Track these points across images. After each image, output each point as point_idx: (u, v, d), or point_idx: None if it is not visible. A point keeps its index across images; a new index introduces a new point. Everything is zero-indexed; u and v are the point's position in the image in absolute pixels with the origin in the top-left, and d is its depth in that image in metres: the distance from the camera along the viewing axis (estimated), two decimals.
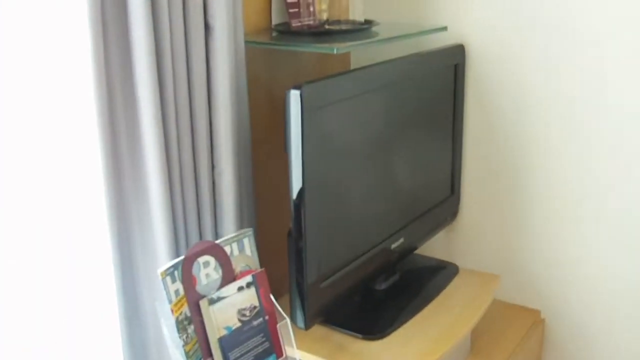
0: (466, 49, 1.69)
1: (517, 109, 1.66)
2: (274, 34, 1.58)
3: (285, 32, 1.56)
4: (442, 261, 1.76)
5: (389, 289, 1.62)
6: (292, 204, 1.32)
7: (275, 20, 1.60)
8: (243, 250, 1.35)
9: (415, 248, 1.67)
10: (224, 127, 1.38)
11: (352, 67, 1.89)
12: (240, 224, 1.45)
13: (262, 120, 1.62)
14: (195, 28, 1.32)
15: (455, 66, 1.66)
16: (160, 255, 1.35)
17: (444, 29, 1.67)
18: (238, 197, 1.43)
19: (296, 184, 1.30)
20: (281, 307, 1.35)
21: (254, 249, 1.36)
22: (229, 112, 1.38)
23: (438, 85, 1.63)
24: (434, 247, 1.89)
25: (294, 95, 1.27)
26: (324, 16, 1.56)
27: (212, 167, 1.40)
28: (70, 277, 1.32)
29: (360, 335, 1.47)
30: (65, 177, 1.27)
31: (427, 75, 1.59)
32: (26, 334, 1.27)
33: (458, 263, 1.82)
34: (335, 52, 1.38)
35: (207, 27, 1.34)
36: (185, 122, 1.34)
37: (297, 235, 1.33)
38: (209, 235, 1.43)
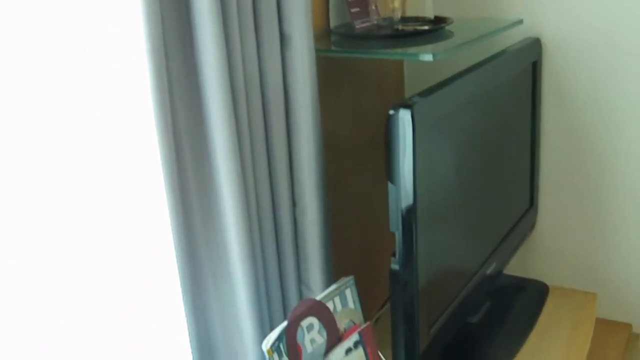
0: (543, 44, 1.50)
1: (600, 110, 1.49)
2: (334, 38, 1.36)
3: (349, 35, 1.33)
4: (528, 280, 1.59)
5: (483, 320, 1.43)
6: (399, 240, 1.12)
7: (333, 21, 1.37)
8: (346, 304, 1.13)
9: (502, 270, 1.49)
10: (307, 156, 1.15)
11: (405, 74, 1.67)
12: (327, 270, 1.22)
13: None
14: (270, 38, 1.09)
15: (534, 64, 1.48)
16: (242, 315, 1.12)
17: (520, 22, 1.47)
18: (324, 238, 1.20)
19: (406, 216, 1.09)
20: None
21: (357, 300, 1.15)
22: (312, 137, 1.15)
23: (517, 87, 1.44)
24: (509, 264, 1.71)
25: (404, 115, 1.05)
26: (397, 15, 1.33)
27: (293, 204, 1.17)
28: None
29: None
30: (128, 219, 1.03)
31: (508, 76, 1.39)
32: None
33: (537, 279, 1.64)
34: (433, 59, 1.17)
35: (282, 37, 1.11)
36: (261, 153, 1.11)
37: (407, 276, 1.12)
38: (292, 285, 1.20)
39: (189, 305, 1.08)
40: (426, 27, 1.34)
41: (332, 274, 1.24)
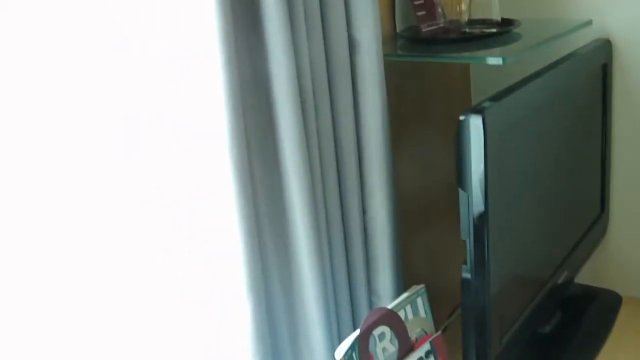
0: (613, 46, 1.46)
1: None
2: (400, 42, 1.34)
3: (415, 39, 1.32)
4: (600, 289, 1.54)
5: (554, 331, 1.39)
6: (470, 249, 1.09)
7: (399, 25, 1.36)
8: (417, 313, 1.11)
9: (573, 279, 1.45)
10: (377, 163, 1.14)
11: (471, 76, 1.64)
12: (396, 278, 1.21)
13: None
14: (338, 45, 1.08)
15: (603, 66, 1.43)
16: (310, 322, 1.11)
17: (589, 23, 1.43)
18: (394, 246, 1.19)
19: (477, 223, 1.07)
20: None
21: (428, 308, 1.13)
22: (381, 144, 1.14)
23: (587, 89, 1.40)
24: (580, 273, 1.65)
25: (475, 121, 1.03)
26: (464, 17, 1.31)
27: (363, 212, 1.16)
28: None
29: None
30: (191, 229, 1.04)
31: (578, 79, 1.35)
32: None
33: (609, 288, 1.59)
34: (502, 62, 1.14)
35: (351, 43, 1.10)
36: (330, 159, 1.11)
37: (479, 284, 1.10)
38: (361, 293, 1.19)
39: (255, 312, 1.07)
40: (494, 30, 1.31)
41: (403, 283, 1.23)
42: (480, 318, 1.12)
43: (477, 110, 1.03)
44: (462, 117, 1.04)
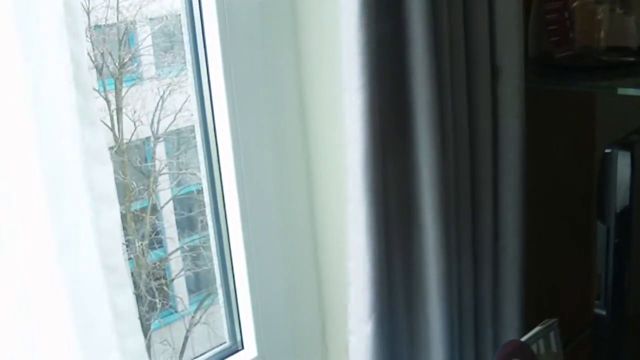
0: None
1: None
2: (532, 67, 1.31)
3: (547, 64, 1.29)
4: None
5: None
6: (607, 285, 1.07)
7: (531, 50, 1.34)
8: (549, 347, 1.09)
9: None
10: (513, 191, 1.13)
11: (598, 107, 1.59)
12: (523, 310, 1.19)
13: None
14: (481, 73, 1.07)
15: None
16: (433, 347, 1.11)
17: None
18: (523, 276, 1.17)
19: (618, 259, 1.04)
20: None
21: (559, 344, 1.11)
22: (518, 172, 1.12)
23: None
24: None
25: (623, 155, 1.01)
26: (602, 44, 1.28)
27: (495, 239, 1.15)
28: None
29: None
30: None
31: None
32: None
33: None
34: None
35: (493, 70, 1.09)
36: (465, 184, 1.10)
37: (614, 321, 1.07)
38: (486, 322, 1.17)
39: (375, 334, 1.08)
40: (632, 59, 1.27)
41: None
42: (614, 356, 1.09)
43: (626, 144, 1.01)
44: (608, 150, 1.02)
